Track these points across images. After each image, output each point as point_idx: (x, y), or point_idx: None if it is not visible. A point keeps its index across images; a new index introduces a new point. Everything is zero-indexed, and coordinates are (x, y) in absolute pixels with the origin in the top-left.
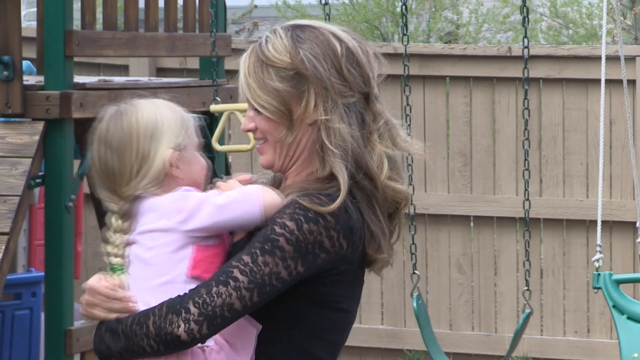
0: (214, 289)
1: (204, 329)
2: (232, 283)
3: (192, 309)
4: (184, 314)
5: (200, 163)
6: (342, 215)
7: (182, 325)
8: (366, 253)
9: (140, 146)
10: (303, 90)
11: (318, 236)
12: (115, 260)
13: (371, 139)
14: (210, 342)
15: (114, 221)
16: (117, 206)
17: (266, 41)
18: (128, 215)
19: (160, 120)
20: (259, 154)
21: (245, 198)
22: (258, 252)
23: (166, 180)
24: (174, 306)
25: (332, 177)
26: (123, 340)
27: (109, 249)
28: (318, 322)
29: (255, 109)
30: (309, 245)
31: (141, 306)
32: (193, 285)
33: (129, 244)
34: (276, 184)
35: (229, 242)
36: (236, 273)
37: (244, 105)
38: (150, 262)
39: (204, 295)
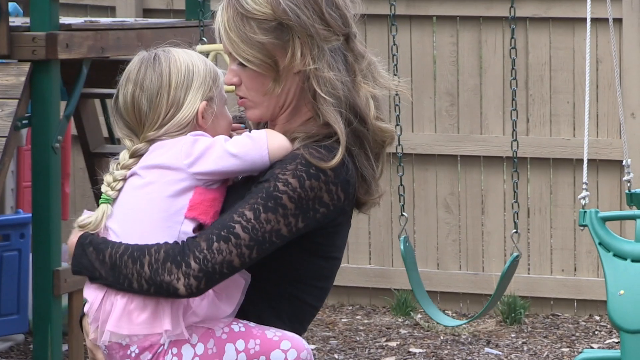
0: (215, 244)
1: (202, 285)
2: (233, 240)
3: (193, 263)
4: (184, 268)
5: (226, 118)
6: (341, 168)
7: (182, 279)
8: (357, 197)
9: (174, 94)
10: (287, 39)
11: (318, 192)
12: (108, 192)
13: (356, 80)
14: None
15: (124, 156)
16: (132, 145)
17: None
18: (139, 155)
19: (194, 71)
20: (244, 109)
21: (253, 144)
22: (261, 208)
23: (191, 129)
24: (174, 256)
25: (330, 124)
26: (109, 265)
27: (108, 179)
28: (311, 271)
29: (240, 63)
30: (310, 201)
31: (125, 236)
32: (188, 226)
33: (127, 177)
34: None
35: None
36: (238, 229)
37: None
38: (148, 196)
39: (205, 251)
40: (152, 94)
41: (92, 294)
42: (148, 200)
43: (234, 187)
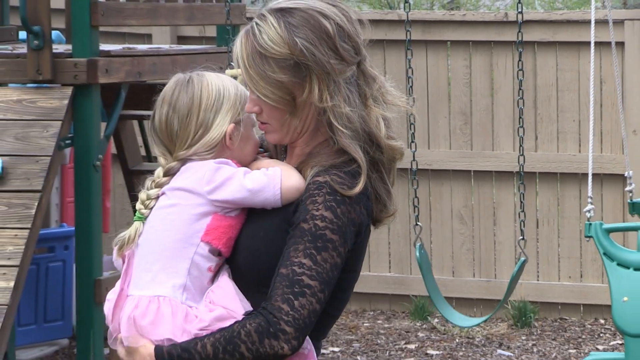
0: (296, 302)
1: (300, 340)
2: (308, 291)
3: (288, 328)
4: (282, 336)
5: (253, 141)
6: (362, 190)
7: (285, 346)
8: (373, 214)
9: (203, 116)
10: (305, 76)
11: (349, 214)
12: (141, 210)
13: (367, 104)
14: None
15: (158, 174)
16: (166, 162)
17: (259, 31)
18: (171, 174)
19: (225, 95)
20: (265, 132)
21: (268, 182)
22: (314, 252)
23: (219, 150)
24: (267, 331)
25: (345, 150)
26: None
27: (142, 196)
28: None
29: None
30: (345, 226)
31: (148, 255)
32: (203, 249)
33: (158, 196)
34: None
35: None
36: (307, 280)
37: None
38: (170, 217)
39: (291, 312)
40: (182, 114)
41: (106, 307)
42: (169, 220)
43: (254, 213)
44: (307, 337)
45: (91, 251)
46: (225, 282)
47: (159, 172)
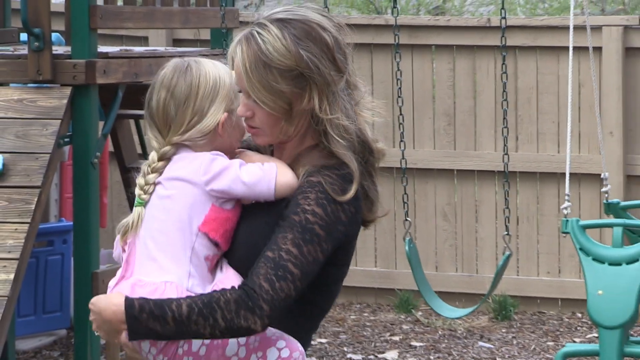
0: (277, 284)
1: (271, 319)
2: (289, 277)
3: (264, 306)
4: (258, 312)
5: (242, 130)
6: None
7: (258, 322)
8: (363, 215)
9: (200, 103)
10: (305, 86)
11: (338, 213)
12: (142, 195)
13: (357, 111)
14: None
15: (153, 158)
16: (159, 146)
17: (262, 40)
18: (166, 158)
19: (221, 84)
20: (253, 136)
21: (263, 176)
22: (302, 243)
23: (211, 137)
24: (245, 304)
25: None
26: (174, 326)
27: (141, 182)
28: (324, 277)
29: (255, 100)
30: (333, 224)
31: (150, 244)
32: (201, 238)
33: (155, 184)
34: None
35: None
36: (291, 267)
37: None
38: (169, 207)
39: (270, 292)
40: (180, 101)
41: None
42: (168, 210)
43: (249, 207)
44: (298, 343)
45: (89, 245)
46: (233, 274)
47: (153, 156)
